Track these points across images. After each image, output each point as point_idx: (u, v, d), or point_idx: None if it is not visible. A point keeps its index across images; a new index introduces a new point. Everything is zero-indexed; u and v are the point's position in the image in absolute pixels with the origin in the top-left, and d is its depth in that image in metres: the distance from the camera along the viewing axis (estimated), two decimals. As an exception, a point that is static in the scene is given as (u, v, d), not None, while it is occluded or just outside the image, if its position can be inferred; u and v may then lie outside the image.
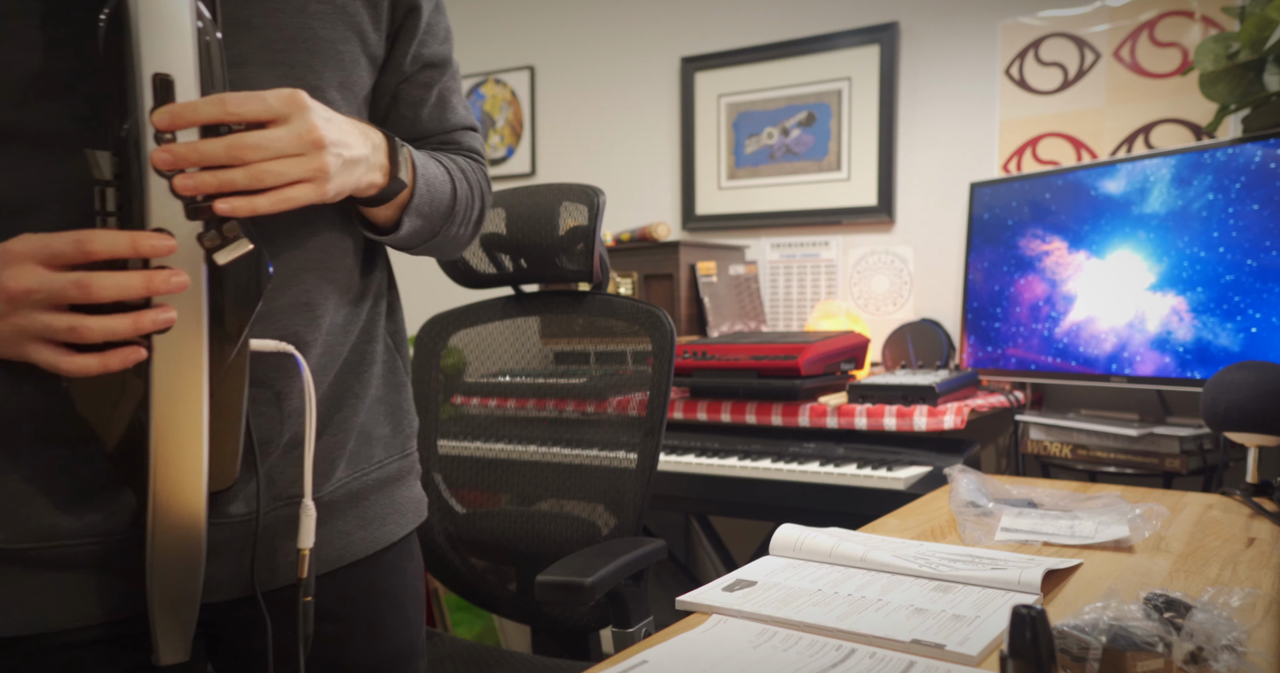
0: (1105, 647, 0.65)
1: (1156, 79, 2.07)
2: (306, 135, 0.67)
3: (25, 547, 0.72)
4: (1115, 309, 1.82)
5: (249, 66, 0.73)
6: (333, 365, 0.84)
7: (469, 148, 0.97)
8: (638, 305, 1.46)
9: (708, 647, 0.76)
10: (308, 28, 0.76)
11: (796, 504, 1.79)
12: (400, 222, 0.83)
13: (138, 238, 0.63)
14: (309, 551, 0.78)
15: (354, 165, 0.73)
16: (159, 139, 0.63)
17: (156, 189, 0.64)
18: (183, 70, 0.63)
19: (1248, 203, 1.63)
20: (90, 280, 0.62)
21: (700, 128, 2.65)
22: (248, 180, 0.65)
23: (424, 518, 0.98)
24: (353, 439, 0.87)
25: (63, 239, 0.62)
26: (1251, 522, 1.17)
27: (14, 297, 0.62)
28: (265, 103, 0.66)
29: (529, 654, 1.43)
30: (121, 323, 0.63)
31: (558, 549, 1.44)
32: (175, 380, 0.67)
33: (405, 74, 0.88)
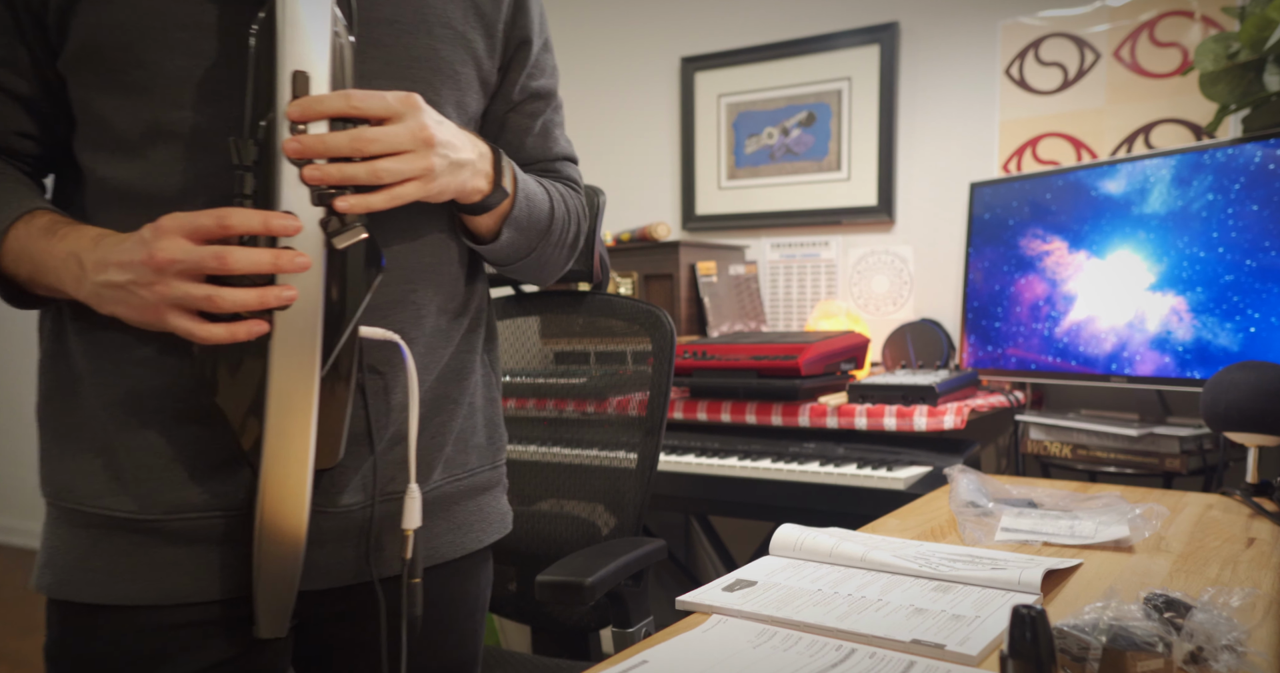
0: (1105, 647, 0.65)
1: (1156, 79, 2.07)
2: (419, 133, 0.73)
3: (153, 518, 0.78)
4: (1115, 309, 1.82)
5: (377, 80, 0.79)
6: (434, 368, 0.88)
7: (567, 177, 1.03)
8: (638, 305, 1.46)
9: (708, 647, 0.76)
10: (431, 49, 0.83)
11: (796, 504, 1.79)
12: (500, 232, 0.88)
13: (269, 217, 0.69)
14: (414, 532, 0.82)
15: (460, 168, 0.78)
16: (292, 130, 0.70)
17: (287, 176, 0.71)
18: (317, 69, 0.71)
19: (1247, 203, 1.63)
20: (227, 253, 0.68)
21: (700, 128, 2.65)
22: (368, 176, 0.72)
23: (508, 531, 1.01)
24: (450, 444, 0.91)
25: (205, 215, 0.69)
26: (1251, 522, 1.17)
27: (161, 266, 0.68)
28: (385, 101, 0.72)
29: (529, 654, 1.43)
30: (249, 296, 0.69)
31: (558, 549, 1.44)
32: (291, 358, 0.72)
33: (513, 103, 0.95)
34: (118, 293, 0.71)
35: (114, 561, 0.78)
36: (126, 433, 0.78)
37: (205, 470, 0.78)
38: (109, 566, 0.78)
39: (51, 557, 0.80)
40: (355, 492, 0.83)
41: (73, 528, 0.80)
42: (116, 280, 0.70)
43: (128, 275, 0.70)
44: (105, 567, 0.78)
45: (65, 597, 0.79)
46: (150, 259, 0.68)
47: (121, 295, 0.71)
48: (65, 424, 0.80)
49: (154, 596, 0.78)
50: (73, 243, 0.73)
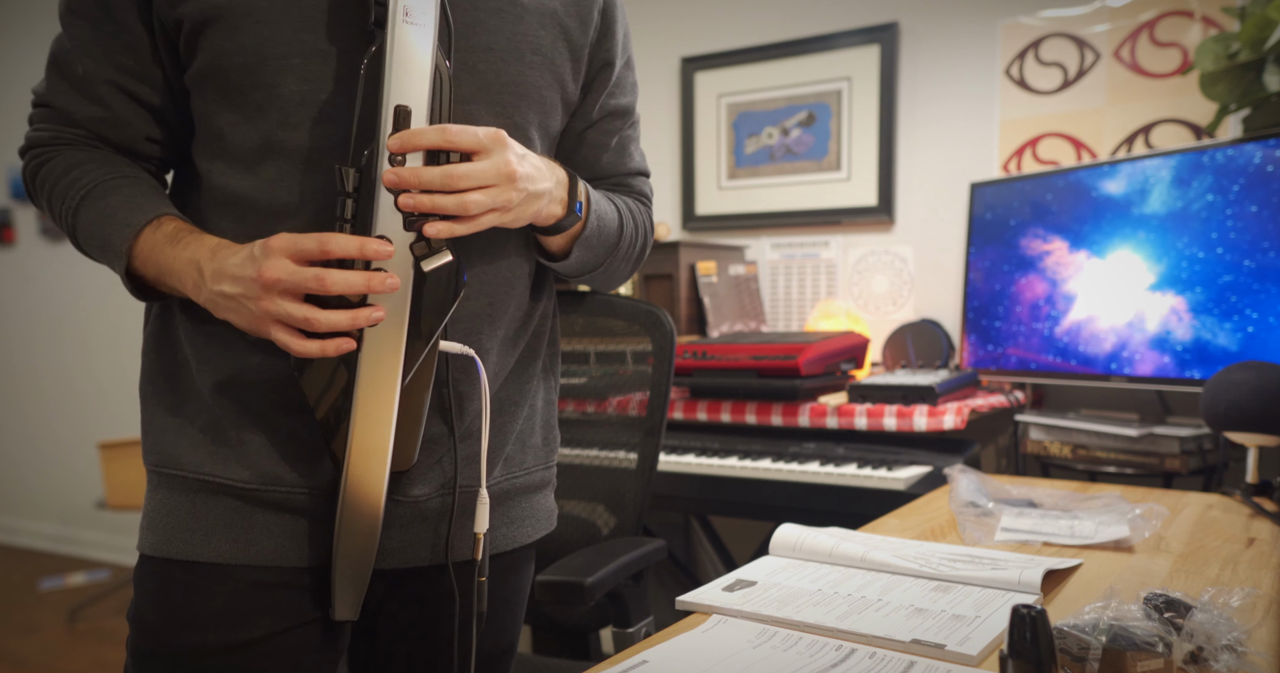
0: (1105, 647, 0.65)
1: (1156, 79, 2.07)
2: (504, 169, 0.79)
3: (255, 486, 0.86)
4: (1115, 309, 1.82)
5: (471, 104, 0.86)
6: (502, 374, 0.95)
7: (639, 191, 1.09)
8: (638, 305, 1.46)
9: (708, 647, 0.76)
10: (521, 75, 0.89)
11: (796, 504, 1.79)
12: (570, 251, 0.94)
13: (365, 243, 0.76)
14: (484, 534, 0.89)
15: (537, 198, 0.85)
16: (392, 161, 0.77)
17: (384, 202, 0.77)
18: (419, 104, 0.77)
19: (1247, 203, 1.63)
20: (326, 275, 0.75)
21: (700, 128, 2.65)
22: (455, 207, 0.78)
23: (553, 528, 1.06)
24: (510, 443, 0.98)
25: (309, 239, 0.76)
26: (1251, 522, 1.17)
27: (267, 284, 0.75)
28: (476, 137, 0.78)
29: (529, 654, 1.43)
30: (342, 318, 0.77)
31: (558, 549, 1.44)
32: (377, 370, 0.80)
33: (592, 121, 1.01)
34: (230, 303, 0.78)
35: (212, 522, 0.86)
36: (230, 413, 0.86)
37: (297, 454, 0.86)
38: (208, 527, 0.86)
39: (154, 520, 0.88)
40: (425, 484, 0.90)
41: (173, 493, 0.87)
42: (229, 292, 0.78)
43: (239, 289, 0.77)
44: (204, 528, 0.86)
45: (167, 554, 0.86)
46: (259, 276, 0.75)
47: (233, 305, 0.78)
48: (173, 401, 0.89)
49: (247, 556, 0.86)
50: (194, 251, 0.81)
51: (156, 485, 0.89)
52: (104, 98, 0.86)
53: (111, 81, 0.85)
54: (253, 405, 0.86)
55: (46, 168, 0.89)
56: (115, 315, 3.83)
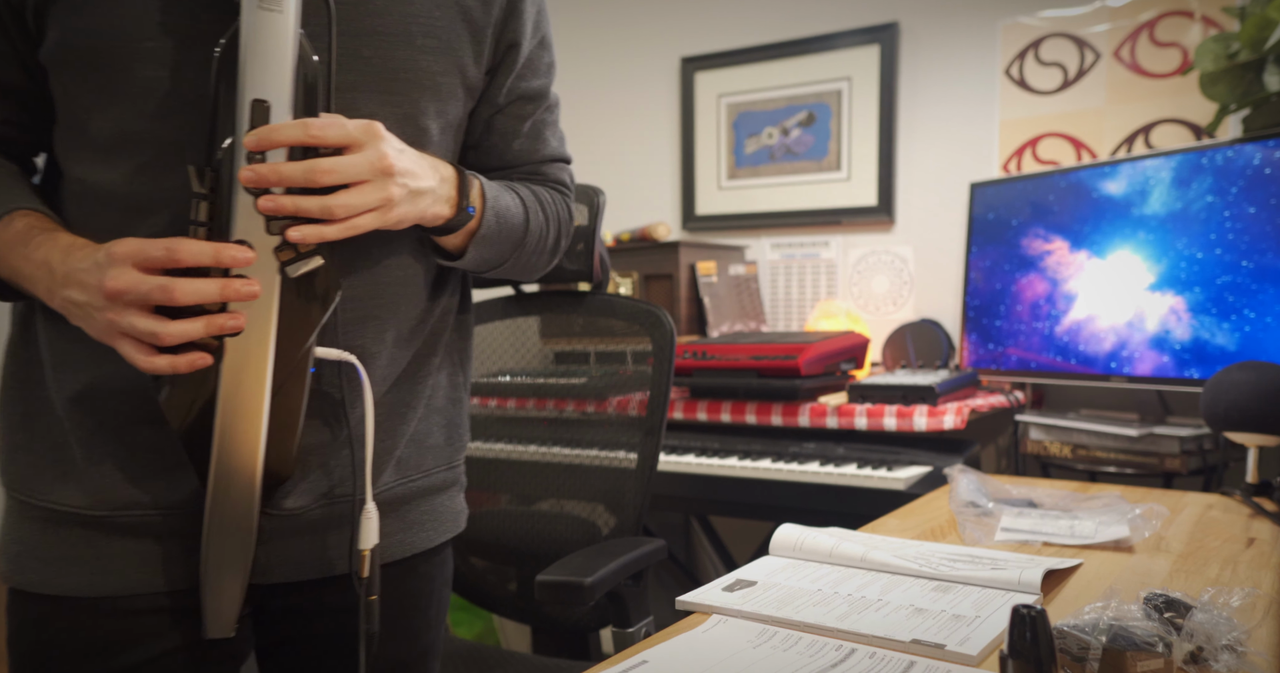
0: (1105, 647, 0.65)
1: (1156, 79, 2.07)
2: (378, 163, 0.73)
3: (103, 514, 0.79)
4: (1115, 309, 1.82)
5: (357, 93, 0.79)
6: (391, 377, 0.89)
7: (555, 179, 1.01)
8: (638, 305, 1.46)
9: (708, 647, 0.76)
10: (413, 60, 0.82)
11: (796, 504, 1.79)
12: (467, 250, 0.88)
13: (220, 249, 0.70)
14: (369, 551, 0.82)
15: (419, 196, 0.78)
16: (249, 159, 0.70)
17: (243, 204, 0.71)
18: (279, 97, 0.71)
19: (1245, 204, 1.63)
20: (173, 286, 0.69)
21: (700, 128, 2.65)
22: (319, 210, 0.71)
23: (461, 529, 1.02)
24: (403, 446, 0.92)
25: (156, 246, 0.69)
26: (1251, 522, 1.17)
27: (110, 294, 0.69)
28: (344, 129, 0.72)
29: (529, 654, 1.43)
30: (194, 327, 0.70)
31: (558, 549, 1.44)
32: (242, 381, 0.74)
33: (499, 106, 0.93)
34: (79, 310, 0.72)
35: (64, 553, 0.80)
36: (81, 429, 0.80)
37: (155, 471, 0.80)
38: (60, 557, 0.80)
39: (7, 546, 0.83)
40: (302, 496, 0.84)
41: (23, 519, 0.82)
42: (77, 299, 0.72)
43: (85, 297, 0.71)
44: (56, 558, 0.80)
45: (19, 586, 0.81)
46: (101, 286, 0.69)
47: (81, 313, 0.72)
48: (25, 411, 0.82)
49: (104, 587, 0.80)
50: (46, 252, 0.74)
51: (9, 509, 0.83)
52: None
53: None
54: (110, 417, 0.79)
55: None
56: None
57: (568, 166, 1.04)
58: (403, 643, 0.95)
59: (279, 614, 0.89)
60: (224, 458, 0.75)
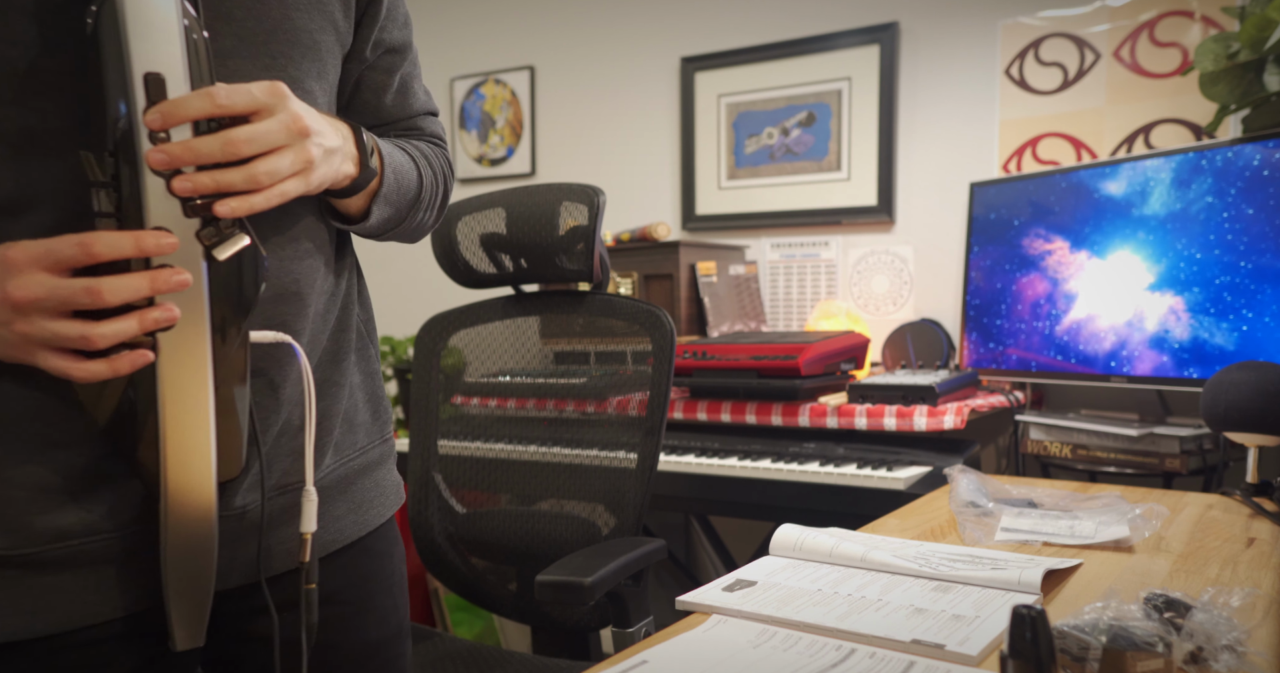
0: (1105, 647, 0.65)
1: (1156, 79, 2.07)
2: (293, 125, 0.68)
3: (30, 551, 0.72)
4: (1115, 308, 1.82)
5: (232, 59, 0.73)
6: (315, 354, 0.86)
7: (431, 133, 0.98)
8: (638, 305, 1.46)
9: (708, 647, 0.76)
10: (287, 19, 0.77)
11: (796, 504, 1.79)
12: (369, 210, 0.84)
13: (141, 237, 0.63)
14: (310, 535, 0.79)
15: (331, 155, 0.74)
16: (153, 139, 0.64)
17: (153, 189, 0.64)
18: (173, 69, 0.64)
19: (1246, 204, 1.63)
20: (100, 286, 0.62)
21: (700, 128, 2.65)
22: (245, 182, 0.66)
23: (403, 500, 1.00)
24: (338, 426, 0.89)
25: (65, 243, 0.62)
26: (1251, 522, 1.17)
27: (20, 305, 0.62)
28: (251, 95, 0.66)
29: (529, 654, 1.43)
30: (128, 325, 0.64)
31: (558, 549, 1.44)
32: (181, 376, 0.69)
33: (367, 61, 0.89)
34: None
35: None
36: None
37: (81, 495, 0.73)
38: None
39: None
40: (248, 492, 0.80)
41: None
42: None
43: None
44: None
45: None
46: (6, 299, 0.62)
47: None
48: None
49: (44, 627, 0.73)
50: None
51: None
52: None
53: None
54: (17, 446, 0.71)
55: None
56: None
57: (438, 119, 1.01)
58: (377, 625, 0.94)
59: (231, 617, 0.85)
60: (175, 459, 0.70)
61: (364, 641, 0.93)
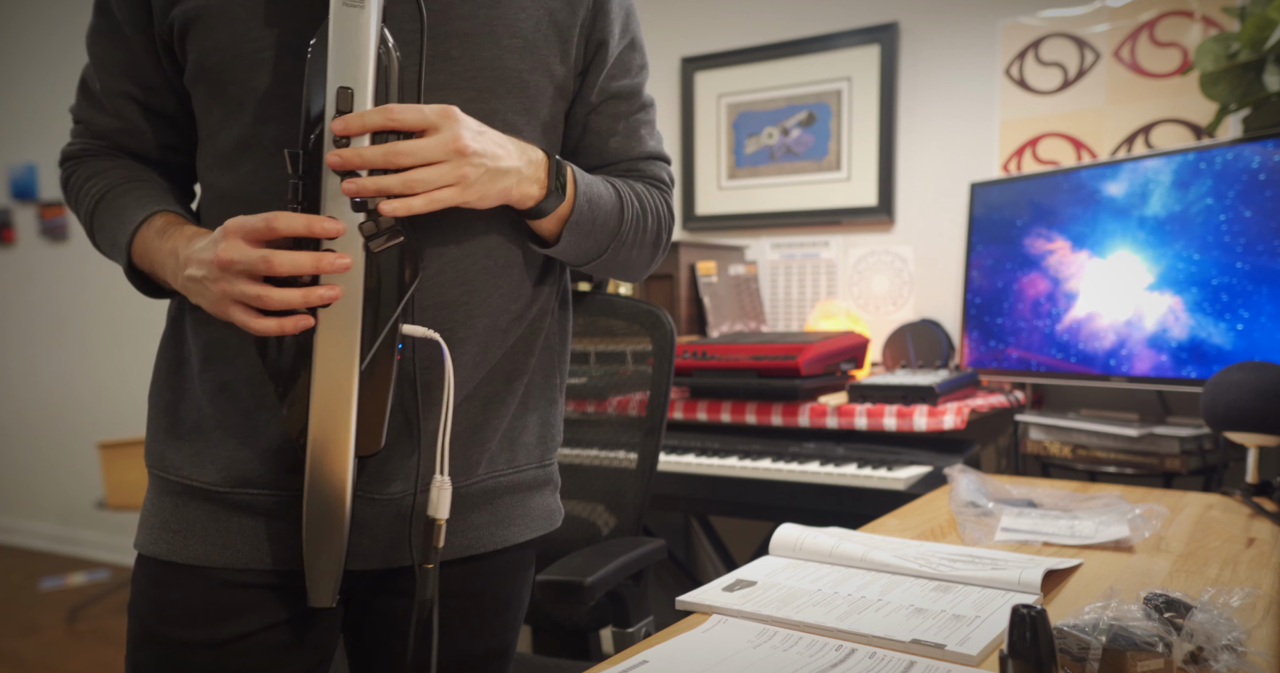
0: (1105, 647, 0.65)
1: (1156, 79, 2.07)
2: (451, 144, 0.78)
3: (225, 490, 0.87)
4: (1115, 308, 1.82)
5: (443, 92, 0.85)
6: (484, 367, 0.92)
7: (653, 176, 1.04)
8: (638, 305, 1.46)
9: (708, 647, 0.76)
10: (498, 59, 0.87)
11: (796, 504, 1.79)
12: (561, 235, 0.90)
13: (313, 220, 0.77)
14: (444, 520, 0.85)
15: (501, 175, 0.82)
16: (337, 144, 0.77)
17: (331, 185, 0.78)
18: (361, 86, 0.77)
19: (1246, 204, 1.63)
20: (273, 256, 0.76)
21: (700, 128, 2.65)
22: (401, 186, 0.77)
23: (553, 528, 1.03)
24: (496, 442, 0.95)
25: (257, 219, 0.76)
26: (1251, 522, 1.17)
27: (222, 265, 0.77)
28: (421, 114, 0.77)
29: (529, 654, 1.43)
30: (294, 295, 0.77)
31: (558, 549, 1.44)
32: (331, 353, 0.80)
33: (592, 105, 0.97)
34: (197, 286, 0.80)
35: (190, 525, 0.88)
36: (220, 413, 0.88)
37: (269, 452, 0.87)
38: (186, 529, 0.88)
39: (145, 518, 0.91)
40: (403, 481, 0.89)
41: (161, 494, 0.90)
42: (195, 275, 0.80)
43: (202, 271, 0.79)
44: (183, 530, 0.88)
45: (153, 553, 0.89)
46: (215, 259, 0.77)
47: (199, 289, 0.80)
48: (170, 399, 0.91)
49: (222, 559, 0.87)
50: (174, 242, 0.84)
51: (151, 486, 0.92)
52: (119, 110, 0.92)
53: (124, 93, 0.91)
54: (239, 404, 0.87)
55: (74, 177, 0.95)
56: (114, 314, 3.83)
57: (667, 166, 1.06)
58: (482, 639, 0.98)
59: (370, 597, 0.95)
60: (317, 425, 0.80)
61: (473, 651, 0.97)
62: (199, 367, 0.89)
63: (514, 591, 1.01)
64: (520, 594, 1.03)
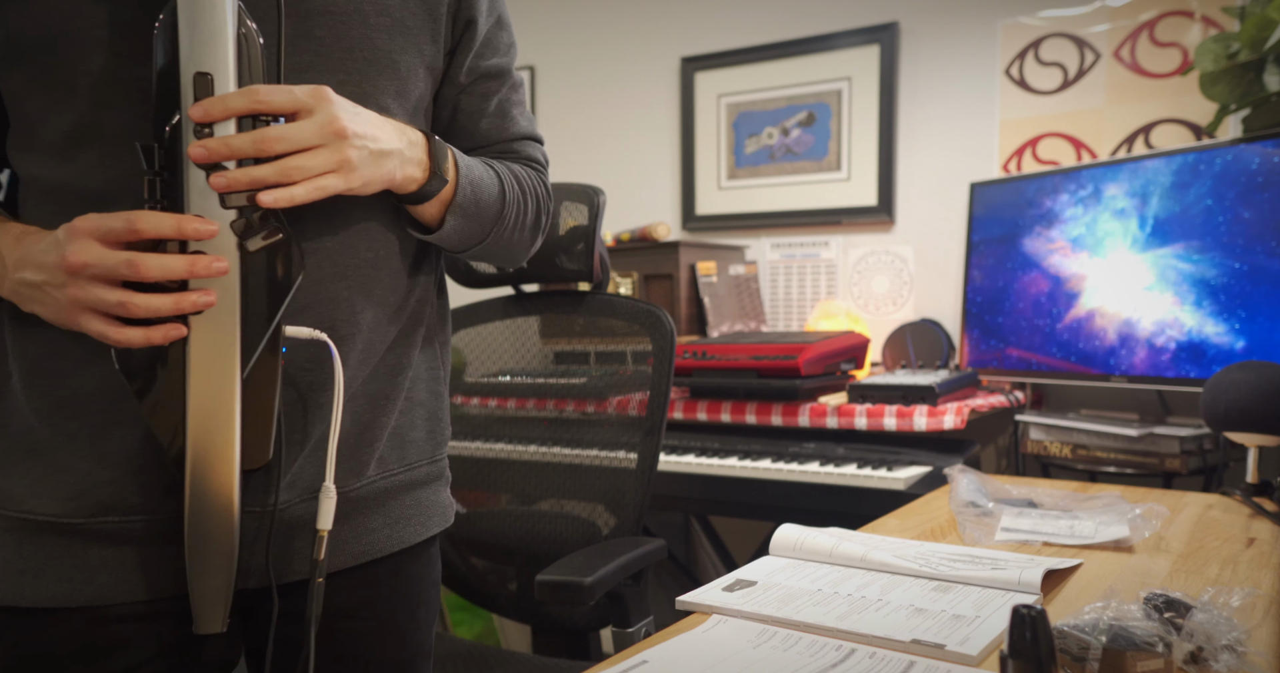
0: (1105, 647, 0.65)
1: (1156, 79, 2.07)
2: (328, 126, 0.71)
3: (78, 521, 0.77)
4: (1115, 309, 1.82)
5: (310, 73, 0.78)
6: (369, 364, 0.86)
7: (527, 156, 1.00)
8: (638, 305, 1.46)
9: (708, 647, 0.76)
10: (367, 39, 0.81)
11: (796, 504, 1.79)
12: (444, 220, 0.85)
13: (182, 220, 0.69)
14: (325, 532, 0.80)
15: (384, 158, 0.76)
16: (198, 133, 0.69)
17: (196, 180, 0.70)
18: (221, 70, 0.69)
19: (1246, 204, 1.63)
20: (140, 260, 0.68)
21: (700, 128, 2.65)
22: (276, 176, 0.70)
23: (449, 524, 0.99)
24: (384, 440, 0.90)
25: (116, 218, 0.68)
26: (1251, 522, 1.17)
27: (73, 269, 0.68)
28: (292, 95, 0.70)
29: (529, 654, 1.43)
30: (164, 302, 0.69)
31: (558, 549, 1.44)
32: (210, 360, 0.72)
33: (461, 85, 0.92)
34: (34, 292, 0.71)
35: (41, 563, 0.77)
36: (59, 435, 0.77)
37: (130, 474, 0.77)
38: (36, 568, 0.77)
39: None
40: (288, 490, 0.82)
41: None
42: (32, 280, 0.71)
43: (42, 276, 0.70)
44: (32, 569, 0.77)
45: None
46: (62, 262, 0.68)
47: (37, 295, 0.71)
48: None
49: (84, 597, 0.77)
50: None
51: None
52: None
53: None
54: (80, 422, 0.77)
55: None
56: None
57: (540, 145, 1.02)
58: (392, 645, 0.93)
59: (266, 618, 0.86)
60: (198, 441, 0.73)
61: (382, 659, 0.92)
62: (27, 380, 0.78)
63: (418, 592, 0.96)
64: (429, 593, 0.98)
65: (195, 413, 0.73)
